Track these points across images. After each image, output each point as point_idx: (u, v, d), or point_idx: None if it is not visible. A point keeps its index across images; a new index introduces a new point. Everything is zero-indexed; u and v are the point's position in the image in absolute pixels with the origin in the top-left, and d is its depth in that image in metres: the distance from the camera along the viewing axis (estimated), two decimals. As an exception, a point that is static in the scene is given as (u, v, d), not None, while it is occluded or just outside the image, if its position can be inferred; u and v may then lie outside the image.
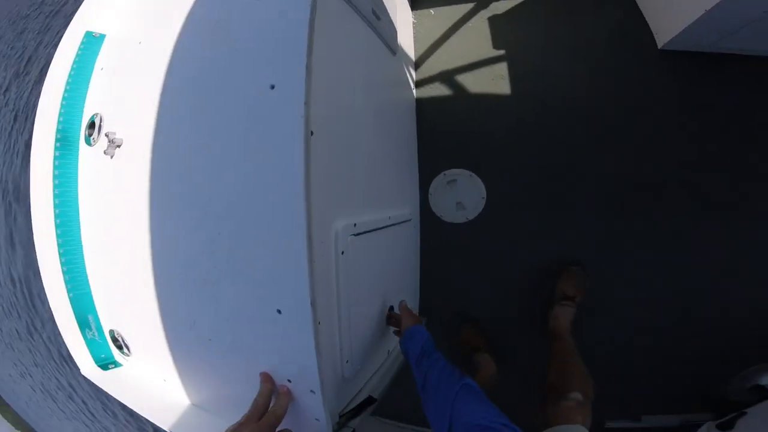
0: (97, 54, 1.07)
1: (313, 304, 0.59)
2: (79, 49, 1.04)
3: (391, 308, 1.18)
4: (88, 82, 1.02)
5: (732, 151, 1.61)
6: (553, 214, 1.70)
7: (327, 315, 0.79)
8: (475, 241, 1.74)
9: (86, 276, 0.94)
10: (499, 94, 1.83)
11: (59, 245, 0.93)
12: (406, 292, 1.57)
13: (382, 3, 1.42)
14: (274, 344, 0.67)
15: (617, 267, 1.65)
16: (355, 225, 0.93)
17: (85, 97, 1.01)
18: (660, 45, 1.69)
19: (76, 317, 0.94)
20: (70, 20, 1.08)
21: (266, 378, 0.66)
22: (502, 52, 1.88)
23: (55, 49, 1.05)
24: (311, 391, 0.63)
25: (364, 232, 1.00)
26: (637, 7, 1.78)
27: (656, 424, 1.64)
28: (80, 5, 1.13)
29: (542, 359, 1.37)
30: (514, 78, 1.82)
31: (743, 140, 1.62)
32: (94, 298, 0.95)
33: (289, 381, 0.66)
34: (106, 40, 1.09)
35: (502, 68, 1.85)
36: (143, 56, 0.95)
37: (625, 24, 1.78)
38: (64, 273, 0.93)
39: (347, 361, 0.87)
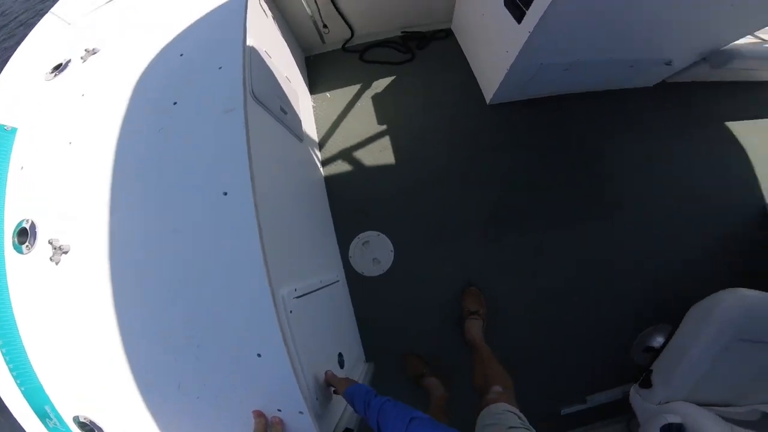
0: (11, 150, 1.13)
1: (285, 342, 0.77)
2: None
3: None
4: (5, 185, 1.06)
5: (557, 174, 2.21)
6: (445, 250, 2.05)
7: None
8: (394, 286, 1.99)
9: (33, 371, 0.94)
10: (386, 164, 2.24)
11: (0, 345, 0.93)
12: (349, 340, 1.73)
13: (287, 97, 1.72)
14: (259, 383, 0.80)
15: (505, 278, 2.01)
16: (295, 290, 1.12)
17: (3, 203, 1.04)
18: (487, 101, 2.36)
19: (33, 409, 0.92)
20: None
21: (258, 414, 0.78)
22: (384, 126, 2.33)
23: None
24: (300, 412, 0.78)
25: (304, 295, 1.19)
26: (474, 75, 2.45)
27: (602, 401, 1.84)
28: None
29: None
30: (395, 147, 2.27)
31: (563, 165, 2.25)
32: (47, 390, 0.94)
33: (279, 410, 0.79)
34: (18, 134, 1.15)
35: (386, 141, 2.29)
36: (80, 158, 1.03)
37: (466, 87, 2.42)
38: (10, 370, 0.92)
39: (317, 399, 1.01)
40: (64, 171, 1.04)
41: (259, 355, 0.79)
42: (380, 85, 2.48)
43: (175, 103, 0.99)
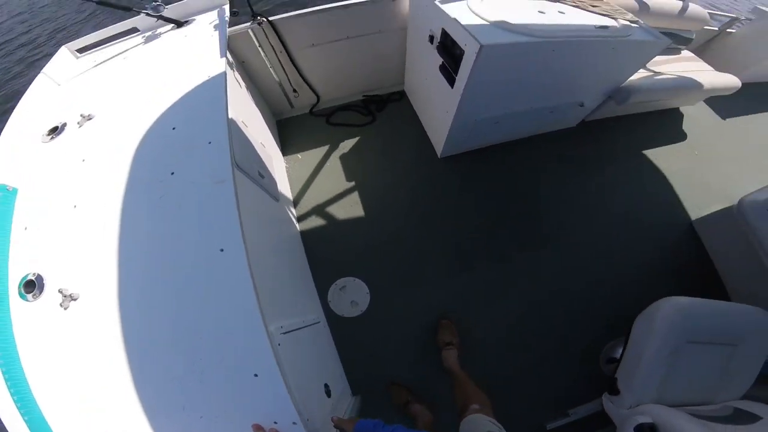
0: (12, 210, 1.21)
1: (279, 363, 0.95)
2: None
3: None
4: (8, 243, 1.15)
5: (505, 212, 2.51)
6: (417, 288, 2.23)
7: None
8: (373, 325, 2.13)
9: (41, 412, 0.98)
10: (356, 216, 2.48)
11: (8, 386, 0.98)
12: (334, 375, 1.85)
13: (263, 162, 1.95)
14: (256, 400, 0.94)
15: (475, 307, 2.18)
16: (281, 327, 1.29)
17: (7, 258, 1.13)
18: (438, 155, 2.73)
19: None
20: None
21: (257, 427, 0.90)
22: (352, 183, 2.60)
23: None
24: (293, 423, 0.92)
25: (289, 332, 1.36)
26: (425, 132, 2.83)
27: (584, 413, 1.93)
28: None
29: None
30: (363, 201, 2.53)
31: (504, 198, 2.57)
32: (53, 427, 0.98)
33: (275, 423, 0.93)
34: (19, 195, 1.26)
35: (355, 196, 2.55)
36: (86, 221, 1.15)
37: (420, 143, 2.79)
38: (18, 408, 0.97)
39: (308, 419, 1.15)
40: (70, 232, 1.15)
41: (255, 375, 0.94)
42: (346, 145, 2.80)
43: (172, 173, 1.18)
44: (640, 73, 2.75)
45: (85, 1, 1.84)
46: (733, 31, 3.88)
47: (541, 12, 2.05)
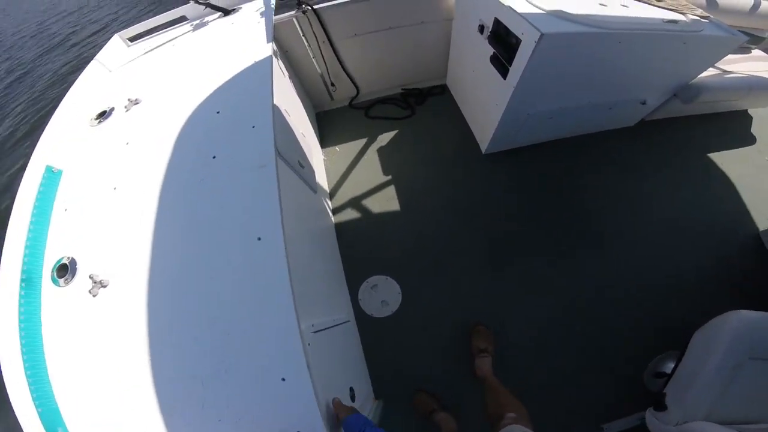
0: (56, 191, 1.25)
1: (309, 367, 0.88)
2: (41, 185, 1.24)
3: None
4: (48, 224, 1.17)
5: (552, 211, 2.37)
6: (452, 290, 2.13)
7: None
8: (402, 327, 2.05)
9: (53, 394, 0.97)
10: (393, 211, 2.42)
11: (25, 368, 0.98)
12: (359, 377, 1.78)
13: (303, 151, 1.92)
14: (281, 406, 0.88)
15: (510, 312, 2.06)
16: (312, 325, 1.23)
17: (45, 240, 1.15)
18: (483, 151, 2.61)
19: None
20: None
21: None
22: (389, 177, 2.54)
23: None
24: None
25: (319, 331, 1.29)
26: (469, 127, 2.72)
27: (619, 429, 1.83)
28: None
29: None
30: (400, 196, 2.47)
31: (551, 200, 2.42)
32: (63, 414, 0.96)
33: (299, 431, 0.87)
34: (63, 176, 1.29)
35: (392, 190, 2.49)
36: (124, 203, 1.15)
37: (462, 139, 2.68)
38: (31, 392, 0.96)
39: (330, 427, 1.09)
40: (108, 215, 1.16)
41: (283, 380, 0.88)
42: (384, 138, 2.75)
43: (214, 157, 1.17)
44: (708, 72, 2.58)
45: None
46: None
47: (603, 5, 1.95)
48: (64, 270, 1.08)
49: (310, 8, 2.27)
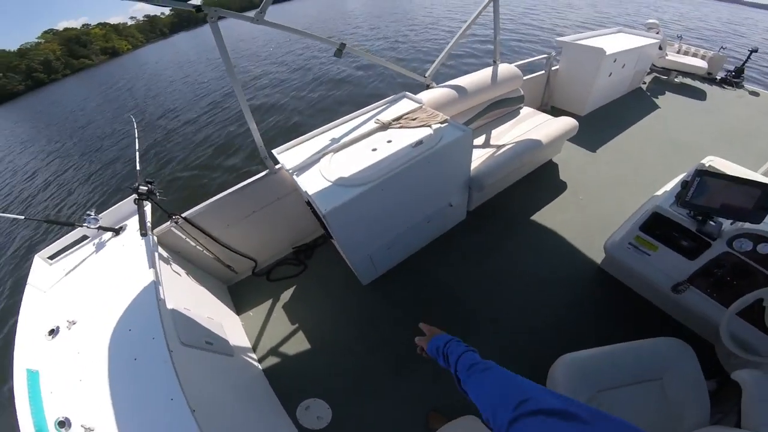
0: (39, 383, 1.70)
1: None
2: (28, 386, 1.69)
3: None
4: (41, 403, 1.62)
5: (430, 312, 2.97)
6: (372, 397, 2.58)
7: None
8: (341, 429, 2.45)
9: None
10: (307, 349, 2.92)
11: None
12: None
13: (211, 331, 2.46)
14: None
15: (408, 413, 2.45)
16: None
17: (43, 410, 1.59)
18: (362, 283, 3.26)
19: None
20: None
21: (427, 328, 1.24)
22: (296, 325, 3.13)
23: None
24: None
25: None
26: (348, 266, 3.27)
27: None
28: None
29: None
30: (310, 337, 3.00)
31: (431, 304, 3.03)
32: None
33: None
34: (41, 375, 1.74)
35: (302, 335, 3.03)
36: (87, 387, 1.65)
37: (347, 277, 3.32)
38: None
39: None
40: (79, 393, 1.65)
41: None
42: (287, 295, 3.39)
43: (135, 359, 1.72)
44: (487, 153, 3.34)
45: (31, 220, 2.44)
46: (557, 67, 4.74)
47: (374, 149, 2.52)
48: (63, 426, 1.52)
49: (180, 217, 2.76)
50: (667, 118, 5.05)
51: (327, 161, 2.60)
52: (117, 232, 2.59)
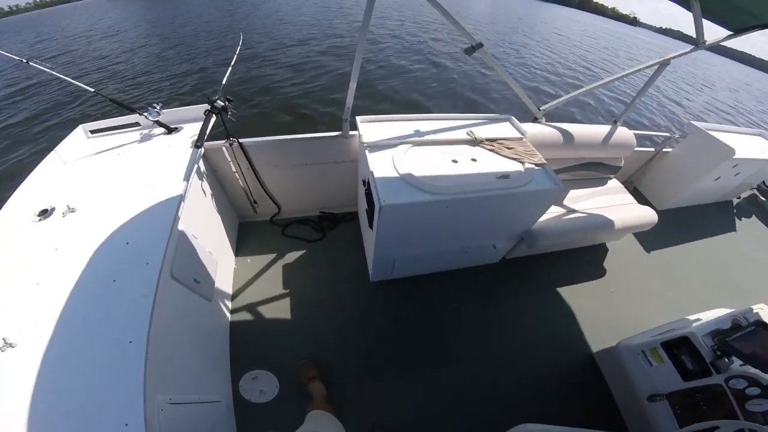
0: None
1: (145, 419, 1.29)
2: None
3: None
4: None
5: (424, 332, 2.89)
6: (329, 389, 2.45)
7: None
8: (277, 413, 2.37)
9: None
10: (284, 319, 2.83)
11: None
12: None
13: (204, 267, 2.36)
14: None
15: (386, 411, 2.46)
16: (170, 398, 1.58)
17: None
18: (370, 278, 3.14)
19: None
20: None
21: None
22: (288, 290, 3.01)
23: None
24: None
25: (178, 404, 1.65)
26: (365, 256, 3.25)
27: None
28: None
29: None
30: (294, 309, 2.90)
31: (430, 326, 2.95)
32: None
33: None
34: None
35: (287, 303, 2.94)
36: (45, 298, 1.53)
37: (358, 265, 3.24)
38: None
39: None
40: (28, 300, 1.53)
41: (126, 425, 1.23)
42: (293, 256, 3.28)
43: (114, 281, 1.56)
44: (556, 212, 3.18)
45: (99, 95, 2.48)
46: (669, 150, 4.33)
47: (455, 161, 2.42)
48: None
49: (236, 141, 2.72)
50: (738, 243, 4.53)
51: (403, 151, 2.46)
52: (170, 131, 2.52)
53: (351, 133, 2.97)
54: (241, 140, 2.79)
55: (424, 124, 2.85)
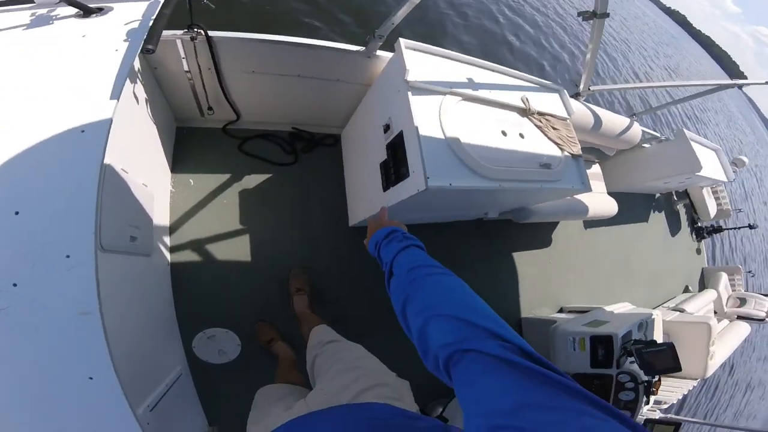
0: None
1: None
2: None
3: None
4: None
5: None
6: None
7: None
8: (243, 372, 2.17)
9: None
10: (241, 263, 2.37)
11: None
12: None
13: (142, 210, 1.75)
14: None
15: None
16: (148, 406, 1.41)
17: None
18: (350, 224, 2.73)
19: None
20: None
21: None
22: (245, 226, 2.45)
23: None
24: None
25: (155, 405, 1.48)
26: (345, 195, 2.75)
27: None
28: None
29: None
30: (254, 250, 2.43)
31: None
32: None
33: None
34: None
35: (245, 242, 2.42)
36: None
37: (336, 206, 2.73)
38: None
39: None
40: None
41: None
42: (252, 182, 2.56)
43: (15, 285, 0.90)
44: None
45: None
46: (647, 146, 4.48)
47: (504, 133, 2.09)
48: None
49: (203, 34, 1.87)
50: (646, 234, 5.30)
51: (452, 104, 1.98)
52: (87, 12, 1.40)
53: (378, 53, 2.31)
54: (211, 33, 1.93)
55: (477, 72, 2.26)
